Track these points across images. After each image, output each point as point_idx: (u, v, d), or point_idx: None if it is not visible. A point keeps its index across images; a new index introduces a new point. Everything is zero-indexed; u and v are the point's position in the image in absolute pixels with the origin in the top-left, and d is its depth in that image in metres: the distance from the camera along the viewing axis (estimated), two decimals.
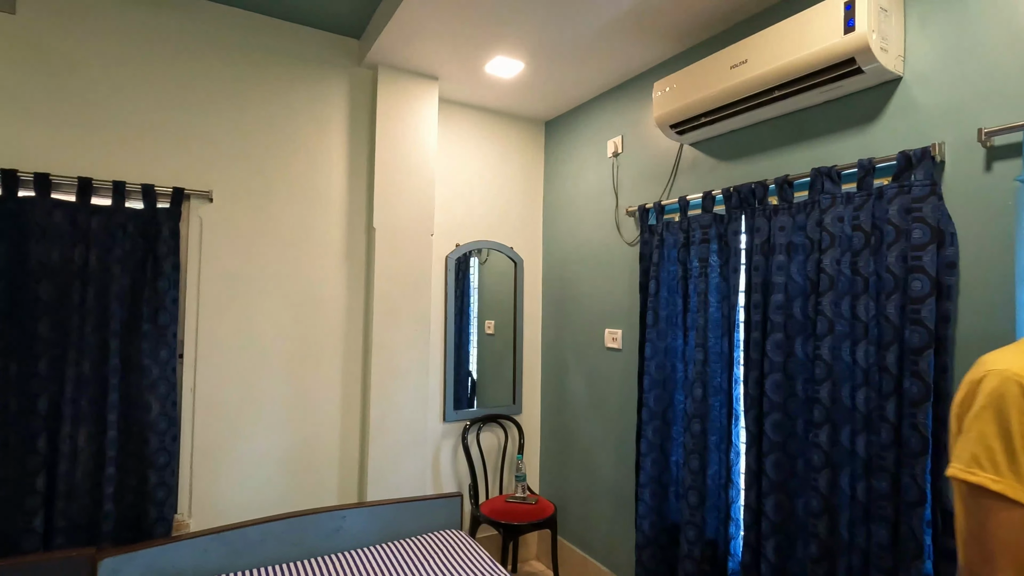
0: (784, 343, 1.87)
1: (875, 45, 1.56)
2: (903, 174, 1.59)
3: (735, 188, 2.06)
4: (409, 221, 2.68)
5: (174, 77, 2.25)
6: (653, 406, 2.35)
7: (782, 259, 1.88)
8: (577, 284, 3.04)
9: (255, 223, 2.41)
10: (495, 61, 2.56)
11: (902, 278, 1.57)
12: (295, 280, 2.49)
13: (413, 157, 2.70)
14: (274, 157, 2.45)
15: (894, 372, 1.56)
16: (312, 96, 2.55)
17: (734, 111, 2.00)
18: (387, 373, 2.60)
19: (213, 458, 2.30)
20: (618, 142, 2.77)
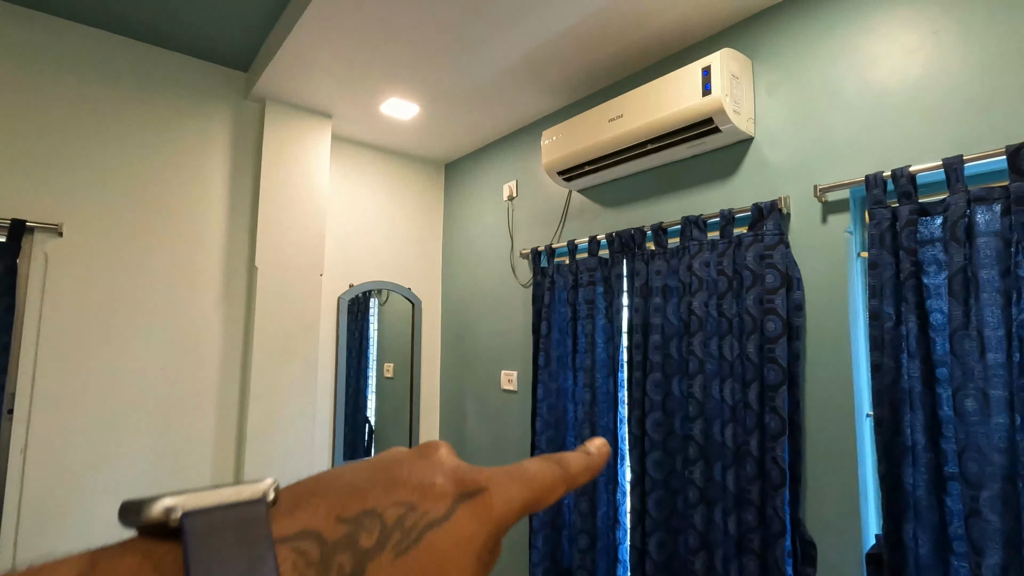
0: (663, 382, 1.94)
1: (729, 108, 1.72)
2: (757, 224, 1.73)
3: (617, 233, 2.16)
4: (296, 260, 2.55)
5: (22, 99, 2.03)
6: (546, 448, 2.34)
7: (659, 301, 1.97)
8: (475, 325, 3.02)
9: (115, 260, 2.18)
10: (390, 102, 2.56)
11: (759, 319, 1.69)
12: (161, 323, 2.27)
13: (302, 194, 2.60)
14: (143, 189, 2.26)
15: (756, 408, 1.66)
16: (191, 127, 2.40)
17: (614, 161, 2.11)
18: (267, 424, 2.40)
19: (47, 531, 1.97)
20: (513, 186, 2.83)
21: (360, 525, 0.19)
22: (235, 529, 0.18)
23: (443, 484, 0.22)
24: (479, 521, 0.21)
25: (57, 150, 2.09)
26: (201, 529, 0.18)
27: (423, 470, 0.22)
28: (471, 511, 0.21)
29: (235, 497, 0.19)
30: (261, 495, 0.19)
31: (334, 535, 0.19)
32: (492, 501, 0.22)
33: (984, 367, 1.24)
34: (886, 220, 1.44)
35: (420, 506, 0.21)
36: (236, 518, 0.18)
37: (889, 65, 1.53)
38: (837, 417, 1.56)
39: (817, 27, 1.69)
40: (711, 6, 1.83)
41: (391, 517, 0.20)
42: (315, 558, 0.18)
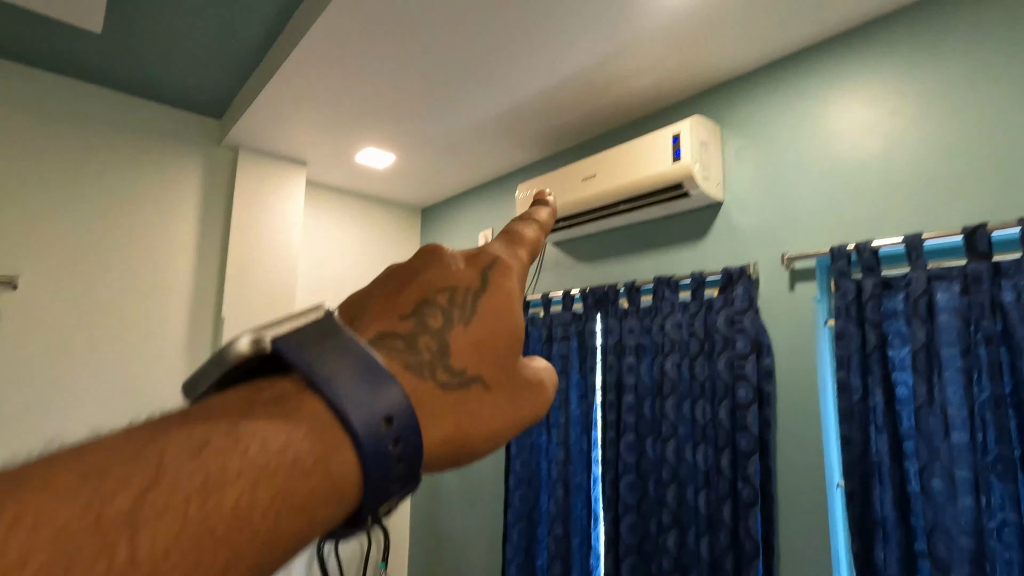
0: (636, 443, 1.92)
1: (698, 174, 1.76)
2: (727, 288, 1.75)
3: (591, 289, 2.16)
4: (265, 310, 2.49)
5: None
6: (519, 506, 2.28)
7: (632, 360, 1.96)
8: None
9: (73, 313, 2.10)
10: (366, 152, 2.56)
11: (730, 384, 1.69)
12: (122, 378, 2.18)
13: (274, 242, 2.56)
14: (106, 239, 2.20)
15: (728, 475, 1.64)
16: (161, 175, 2.36)
17: (587, 218, 2.13)
18: None
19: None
20: (488, 235, 2.84)
21: (422, 315, 0.22)
22: (324, 340, 0.19)
23: (464, 267, 0.25)
24: (508, 278, 0.25)
25: (14, 199, 2.02)
26: (297, 344, 0.18)
27: (440, 263, 0.25)
28: (499, 274, 0.25)
29: (305, 320, 0.20)
30: (326, 312, 0.20)
31: (406, 328, 0.22)
32: (508, 264, 0.26)
33: (949, 446, 1.25)
34: (851, 292, 1.47)
35: (460, 286, 0.24)
36: (319, 332, 0.19)
37: (850, 140, 1.58)
38: (809, 487, 1.55)
39: (782, 99, 1.75)
40: (681, 73, 1.88)
41: (443, 301, 0.23)
42: (403, 347, 0.21)
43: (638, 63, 1.82)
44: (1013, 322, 1.21)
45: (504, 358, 0.23)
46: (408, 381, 0.20)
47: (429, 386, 0.20)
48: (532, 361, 0.26)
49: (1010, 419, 1.21)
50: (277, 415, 0.17)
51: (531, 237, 0.29)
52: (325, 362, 0.18)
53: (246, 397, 0.17)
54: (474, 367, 0.22)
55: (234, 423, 0.16)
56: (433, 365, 0.21)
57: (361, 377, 0.18)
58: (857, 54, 1.59)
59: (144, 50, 2.01)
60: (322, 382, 0.18)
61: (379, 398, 0.18)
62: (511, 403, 0.23)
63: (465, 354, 0.22)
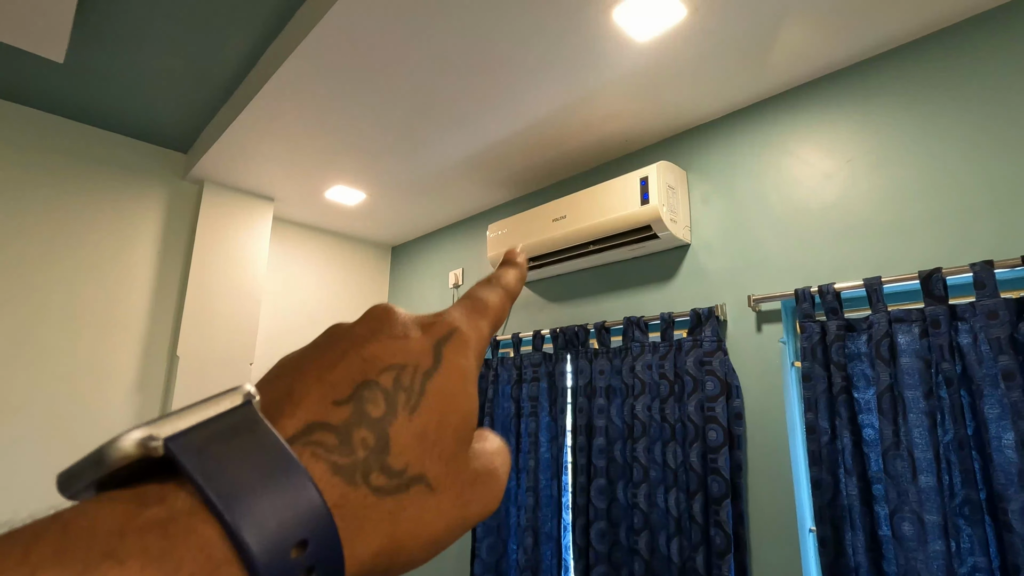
0: (607, 488, 1.87)
1: (666, 217, 1.79)
2: (696, 329, 1.75)
3: (561, 329, 2.14)
4: (224, 348, 2.39)
5: None
6: (486, 557, 2.18)
7: (602, 402, 1.94)
8: None
9: (19, 349, 1.97)
10: (335, 189, 2.53)
11: (701, 427, 1.67)
12: (67, 422, 2.03)
13: (236, 278, 2.48)
14: (55, 272, 2.09)
15: (700, 521, 1.60)
16: (120, 207, 2.28)
17: (558, 259, 2.14)
18: None
19: None
20: (459, 274, 2.81)
21: (361, 400, 0.19)
22: (233, 439, 0.16)
23: (418, 337, 0.22)
24: (464, 355, 0.22)
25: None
26: (197, 446, 0.16)
27: (390, 332, 0.22)
28: (455, 349, 0.22)
29: (216, 409, 0.17)
30: (244, 399, 0.17)
31: (340, 417, 0.18)
32: (466, 337, 0.23)
33: (917, 489, 1.25)
34: (816, 334, 1.49)
35: (409, 364, 0.21)
36: (229, 427, 0.16)
37: (810, 186, 1.64)
38: (782, 533, 1.52)
39: (746, 146, 1.81)
40: (648, 120, 1.94)
41: (387, 382, 0.20)
42: (334, 444, 0.18)
43: (606, 109, 1.87)
44: (971, 364, 1.23)
45: (452, 449, 0.20)
46: (335, 489, 0.17)
47: (361, 493, 0.18)
48: (484, 442, 0.23)
49: (974, 461, 1.22)
50: (155, 548, 0.13)
51: (495, 305, 0.26)
52: (228, 472, 0.15)
53: (123, 515, 0.14)
54: (417, 463, 0.19)
55: (94, 562, 0.13)
56: (368, 466, 0.18)
57: (273, 491, 0.15)
58: (815, 105, 1.66)
59: (107, 81, 1.98)
60: (220, 501, 0.15)
61: (292, 518, 0.15)
62: (458, 502, 0.20)
63: (408, 448, 0.19)
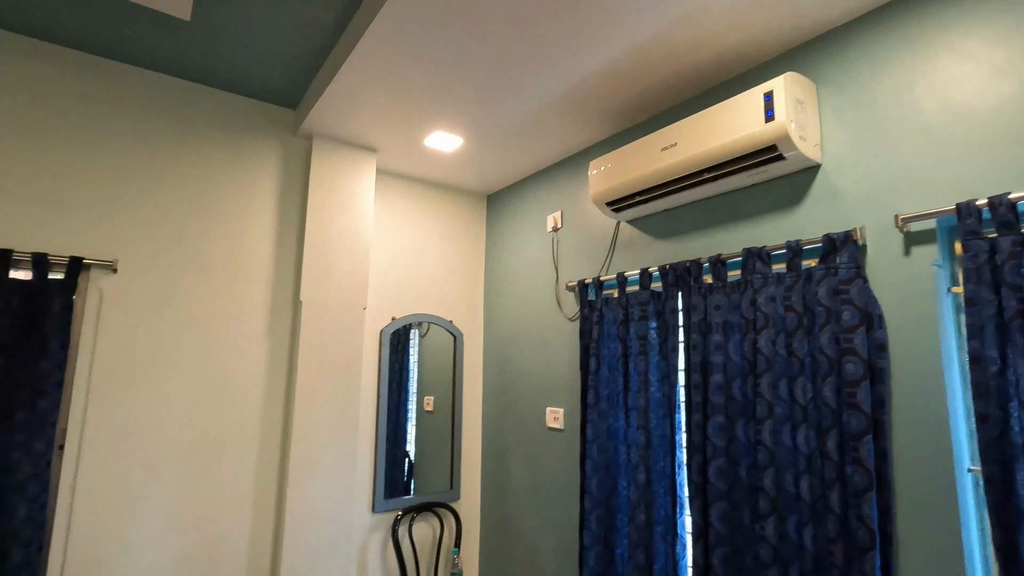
0: (726, 426, 1.80)
1: (794, 134, 1.62)
2: (829, 256, 1.61)
3: (671, 266, 2.05)
4: (340, 294, 2.54)
5: (83, 139, 2.10)
6: (596, 492, 2.21)
7: (719, 338, 1.85)
8: (518, 359, 2.93)
9: (165, 296, 2.20)
10: (434, 136, 2.55)
11: (836, 360, 1.55)
12: (207, 359, 2.27)
13: (347, 228, 2.60)
14: (194, 226, 2.29)
15: (835, 458, 1.51)
16: (242, 165, 2.44)
17: (667, 191, 2.03)
18: (308, 462, 2.36)
19: (96, 568, 1.95)
20: (558, 217, 2.77)
21: None
22: None
23: None
24: None
25: (112, 189, 2.14)
26: None
27: None
28: None
29: None
30: None
31: None
32: None
33: None
34: (983, 252, 1.30)
35: None
36: None
37: (975, 85, 1.41)
38: (933, 472, 1.39)
39: (889, 49, 1.59)
40: (771, 30, 1.75)
41: None
42: None
43: (723, 20, 1.70)
44: None
45: None
46: None
47: None
48: None
49: None
50: None
51: None
52: None
53: None
54: None
55: None
56: None
57: None
58: None
59: (225, 40, 2.08)
60: None
61: None
62: None
63: None
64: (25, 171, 1.99)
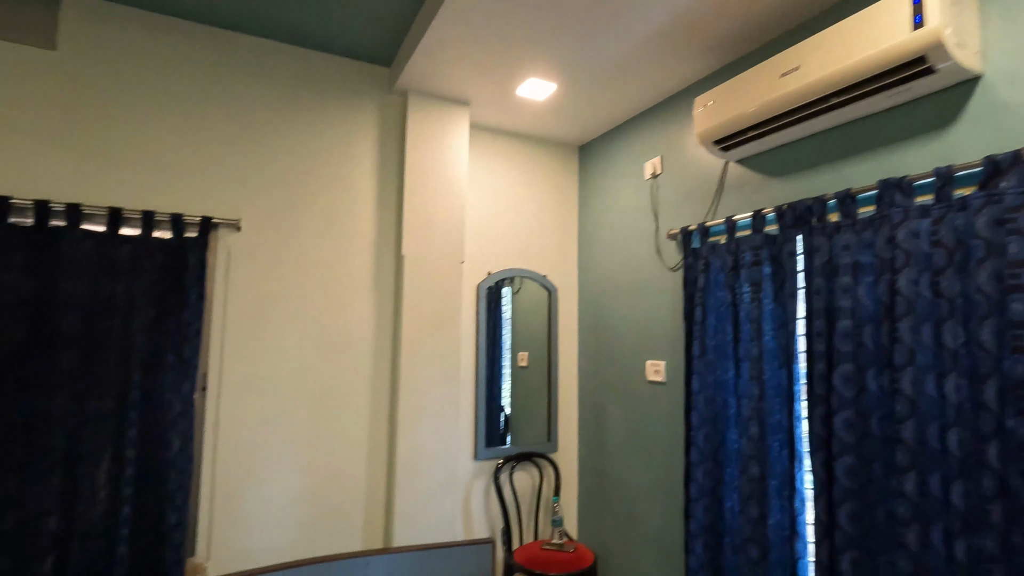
0: (854, 375, 1.66)
1: (949, 40, 1.40)
2: (990, 182, 1.40)
3: (789, 205, 1.89)
4: (439, 249, 2.59)
5: (204, 107, 2.25)
6: (703, 445, 2.14)
7: (847, 281, 1.69)
8: (615, 313, 2.87)
9: (282, 252, 2.36)
10: (527, 83, 2.49)
11: (996, 299, 1.36)
12: (321, 311, 2.42)
13: (443, 183, 2.63)
14: (302, 185, 2.42)
15: (994, 409, 1.34)
16: (341, 124, 2.53)
17: (785, 122, 1.85)
18: (415, 409, 2.47)
19: (233, 497, 2.19)
20: (657, 163, 2.64)
21: None
22: None
23: None
24: None
25: (233, 153, 2.29)
26: None
27: None
28: None
29: None
30: None
31: None
32: None
33: None
34: None
35: None
36: None
37: None
38: None
39: None
40: None
41: None
42: None
43: None
44: None
45: None
46: None
47: None
48: None
49: None
50: None
51: None
52: None
53: None
54: None
55: None
56: None
57: None
58: None
59: (323, 2, 2.12)
60: None
61: None
62: None
63: None
64: (160, 140, 2.17)
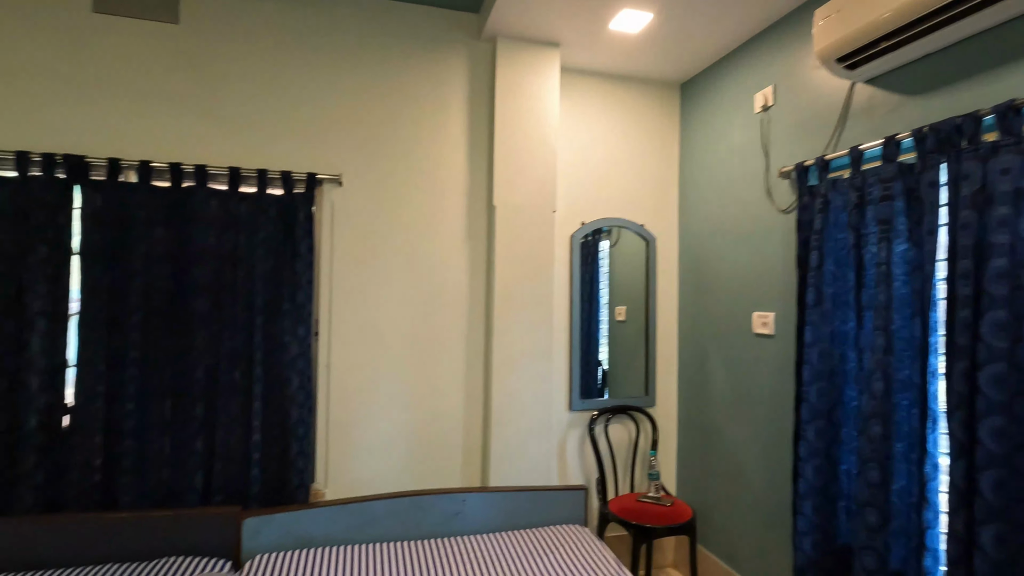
0: (1009, 323, 1.41)
1: None
2: None
3: (931, 127, 1.61)
4: (530, 198, 2.56)
5: (308, 70, 2.37)
6: (816, 402, 1.96)
7: (1006, 212, 1.41)
8: (718, 262, 2.68)
9: (380, 205, 2.46)
10: (620, 15, 2.32)
11: None
12: (417, 260, 2.50)
13: (534, 130, 2.57)
14: (397, 139, 2.48)
15: None
16: (433, 75, 2.54)
17: (931, 25, 1.55)
18: (508, 358, 2.51)
19: (345, 432, 2.39)
20: (768, 93, 2.37)
21: None
22: None
23: None
24: None
25: (334, 111, 2.40)
26: None
27: None
28: None
29: None
30: None
31: None
32: None
33: None
34: None
35: None
36: None
37: None
38: None
39: None
40: None
41: None
42: None
43: None
44: None
45: None
46: None
47: None
48: None
49: None
50: None
51: None
52: None
53: None
54: None
55: None
56: None
57: None
58: None
59: None
60: None
61: None
62: None
63: None
64: (269, 102, 2.32)
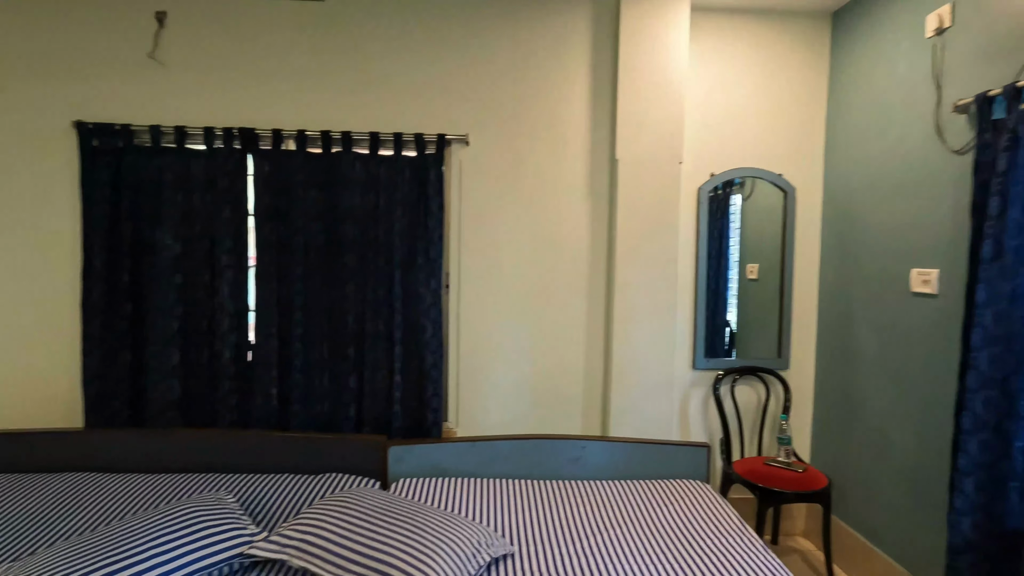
0: None
1: None
2: None
3: None
4: (654, 150, 2.47)
5: (437, 35, 2.47)
6: (986, 370, 1.73)
7: None
8: (870, 213, 2.40)
9: (504, 162, 2.53)
10: None
11: None
12: (541, 216, 2.56)
13: (659, 78, 2.45)
14: (520, 96, 2.52)
15: None
16: (555, 29, 2.51)
17: None
18: (629, 314, 2.50)
19: (473, 378, 2.57)
20: (945, 13, 2.02)
21: None
22: None
23: None
24: None
25: (459, 73, 2.49)
26: None
27: None
28: None
29: None
30: None
31: None
32: None
33: None
34: None
35: None
36: None
37: None
38: None
39: None
40: None
41: None
42: None
43: None
44: None
45: None
46: None
47: None
48: None
49: None
50: None
51: None
52: None
53: None
54: None
55: None
56: None
57: None
58: None
59: None
60: None
61: None
62: None
63: None
64: (403, 69, 2.47)
